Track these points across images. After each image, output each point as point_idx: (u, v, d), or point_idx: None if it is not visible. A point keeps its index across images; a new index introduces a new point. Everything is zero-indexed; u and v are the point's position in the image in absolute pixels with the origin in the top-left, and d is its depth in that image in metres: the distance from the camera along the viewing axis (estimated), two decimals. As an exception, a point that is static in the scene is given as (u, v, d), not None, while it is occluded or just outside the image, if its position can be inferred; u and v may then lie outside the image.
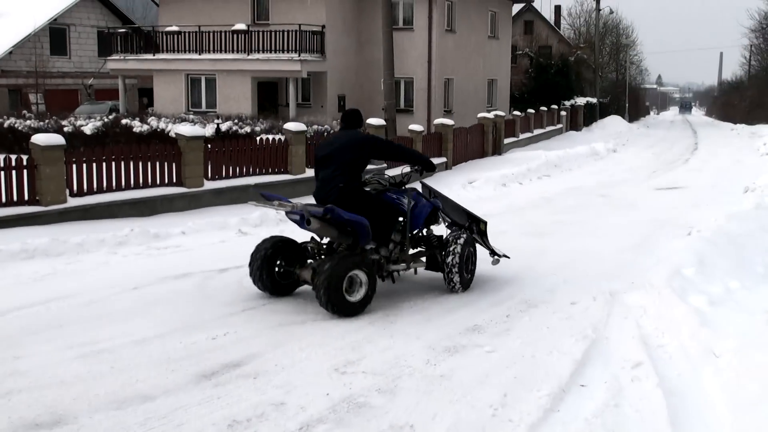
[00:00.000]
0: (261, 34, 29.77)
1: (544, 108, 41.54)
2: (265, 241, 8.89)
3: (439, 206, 9.68)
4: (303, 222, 8.20)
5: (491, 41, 38.69)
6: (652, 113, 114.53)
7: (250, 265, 8.77)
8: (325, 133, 22.93)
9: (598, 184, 21.26)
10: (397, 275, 9.25)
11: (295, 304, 8.65)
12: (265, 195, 8.87)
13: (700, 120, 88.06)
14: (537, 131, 38.66)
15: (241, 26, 30.04)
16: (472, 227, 9.94)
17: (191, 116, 28.06)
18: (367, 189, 9.00)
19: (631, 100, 70.74)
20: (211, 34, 30.25)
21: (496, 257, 9.92)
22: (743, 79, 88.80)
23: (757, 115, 57.46)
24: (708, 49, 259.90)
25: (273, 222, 14.04)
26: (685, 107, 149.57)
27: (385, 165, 11.51)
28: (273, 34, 29.56)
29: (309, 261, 8.87)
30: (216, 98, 30.99)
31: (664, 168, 26.21)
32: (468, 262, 9.37)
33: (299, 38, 29.16)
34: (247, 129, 25.78)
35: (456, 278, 9.14)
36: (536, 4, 56.56)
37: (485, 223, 10.10)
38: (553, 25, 63.96)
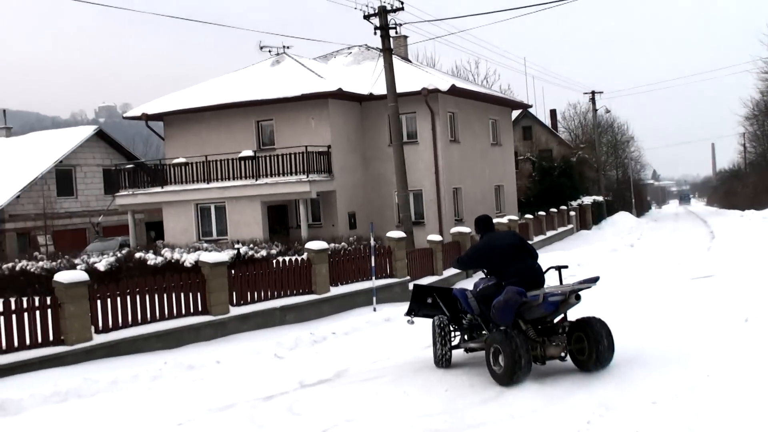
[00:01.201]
0: (268, 158, 29.80)
1: (554, 210, 41.40)
2: (514, 336, 9.29)
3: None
4: (560, 303, 9.53)
5: (494, 148, 38.90)
6: (653, 207, 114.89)
7: (512, 358, 9.08)
8: (342, 251, 22.48)
9: (628, 278, 20.74)
10: None
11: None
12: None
13: (704, 210, 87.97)
14: (549, 233, 38.42)
15: (247, 153, 30.11)
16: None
17: (204, 245, 27.80)
18: None
19: (635, 195, 70.92)
20: (218, 163, 30.30)
21: None
22: (741, 167, 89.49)
23: (762, 200, 57.32)
24: (697, 141, 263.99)
25: (308, 343, 13.49)
26: (684, 199, 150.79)
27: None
28: (279, 157, 29.58)
29: (545, 339, 9.78)
30: (226, 225, 30.76)
31: (690, 258, 25.68)
32: None
33: (306, 160, 29.16)
34: (263, 253, 25.47)
35: None
36: (532, 110, 57.15)
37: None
38: (551, 128, 64.68)
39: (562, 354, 9.80)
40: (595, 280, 9.85)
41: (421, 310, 11.66)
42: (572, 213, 45.76)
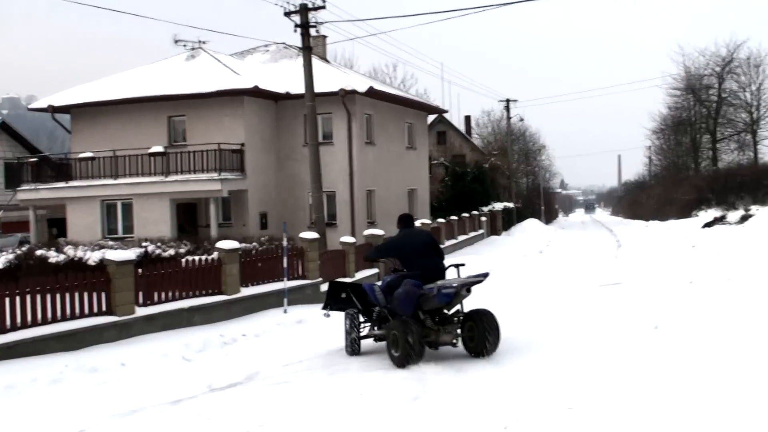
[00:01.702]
0: (179, 155, 29.04)
1: (465, 214, 41.74)
2: (409, 323, 10.43)
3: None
4: (453, 295, 10.52)
5: (409, 152, 38.94)
6: (560, 215, 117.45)
7: (406, 344, 10.24)
8: (254, 251, 22.04)
9: (538, 284, 20.95)
10: None
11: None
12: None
13: (609, 219, 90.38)
14: (461, 237, 38.73)
15: (158, 148, 29.30)
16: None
17: (110, 243, 26.90)
18: None
19: (544, 203, 72.29)
20: (127, 158, 29.37)
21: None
22: (646, 179, 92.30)
23: (666, 211, 59.06)
24: (605, 152, 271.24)
25: (217, 345, 13.11)
26: (590, 208, 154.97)
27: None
28: (191, 154, 28.87)
29: (439, 328, 10.89)
30: (133, 223, 29.86)
31: (598, 266, 26.19)
32: None
33: (219, 158, 28.57)
34: (171, 252, 24.80)
35: None
36: (447, 116, 57.57)
37: None
38: (465, 134, 65.31)
39: (454, 341, 10.94)
40: (485, 275, 11.10)
41: (336, 304, 12.78)
42: (483, 218, 46.25)
